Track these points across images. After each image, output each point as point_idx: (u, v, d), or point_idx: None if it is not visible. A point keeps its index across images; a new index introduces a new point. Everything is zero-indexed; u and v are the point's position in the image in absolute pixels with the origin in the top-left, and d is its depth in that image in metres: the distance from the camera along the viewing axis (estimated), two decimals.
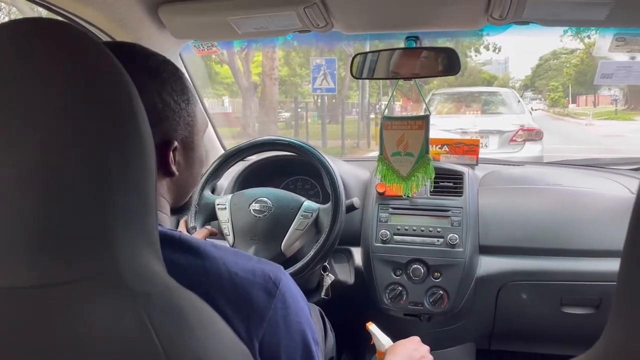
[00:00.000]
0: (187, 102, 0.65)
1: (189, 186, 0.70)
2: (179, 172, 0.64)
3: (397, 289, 1.36)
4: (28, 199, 0.37)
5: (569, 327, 1.37)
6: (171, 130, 0.62)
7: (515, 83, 28.85)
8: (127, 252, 0.40)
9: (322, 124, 10.56)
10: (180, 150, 0.65)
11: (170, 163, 0.62)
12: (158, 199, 0.63)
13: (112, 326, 0.38)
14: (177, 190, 0.67)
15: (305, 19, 1.13)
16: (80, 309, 0.38)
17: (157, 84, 0.60)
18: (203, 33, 1.31)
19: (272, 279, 0.59)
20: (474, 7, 1.09)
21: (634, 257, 0.30)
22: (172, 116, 0.62)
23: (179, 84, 0.64)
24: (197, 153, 0.69)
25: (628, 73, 1.32)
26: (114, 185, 0.40)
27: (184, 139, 0.65)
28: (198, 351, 0.42)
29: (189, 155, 0.67)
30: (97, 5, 1.08)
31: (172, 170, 0.62)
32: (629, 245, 0.30)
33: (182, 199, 0.70)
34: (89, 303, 0.38)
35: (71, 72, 0.39)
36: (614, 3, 0.97)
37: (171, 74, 0.63)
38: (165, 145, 0.61)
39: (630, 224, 0.30)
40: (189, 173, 0.68)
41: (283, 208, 1.27)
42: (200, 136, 0.69)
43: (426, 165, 1.32)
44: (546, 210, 1.40)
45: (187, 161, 0.67)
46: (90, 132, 0.39)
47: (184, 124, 0.64)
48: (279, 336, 0.58)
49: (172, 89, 0.62)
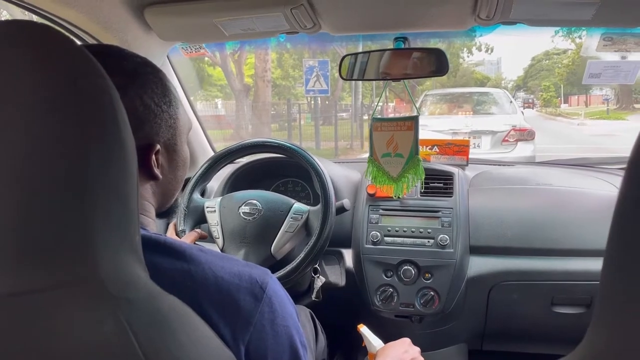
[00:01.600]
0: (168, 104, 0.64)
1: (174, 189, 0.70)
2: (163, 175, 0.64)
3: (388, 291, 1.36)
4: (6, 205, 0.37)
5: (560, 327, 1.37)
6: (153, 133, 0.61)
7: (508, 83, 29.00)
8: (108, 257, 0.40)
9: (315, 125, 10.56)
10: (164, 153, 0.64)
11: (154, 166, 0.62)
12: (142, 203, 0.63)
13: (92, 332, 0.38)
14: (161, 193, 0.67)
15: (292, 20, 1.13)
16: (60, 316, 0.38)
17: (136, 87, 0.60)
18: (190, 35, 1.31)
19: (258, 283, 0.58)
20: (461, 8, 1.09)
21: (615, 258, 0.30)
22: (153, 119, 0.61)
23: (160, 85, 0.63)
24: (180, 155, 0.68)
25: (616, 73, 1.33)
26: (95, 191, 0.39)
27: (166, 141, 0.64)
28: (181, 357, 0.42)
29: (173, 158, 0.66)
30: (81, 8, 1.07)
31: (155, 174, 0.62)
32: (611, 245, 0.30)
33: (167, 202, 0.70)
34: (69, 309, 0.38)
35: (50, 74, 0.38)
36: (600, 3, 0.98)
37: (151, 76, 0.62)
38: (147, 148, 0.61)
39: (612, 224, 0.30)
40: (173, 176, 0.68)
41: (273, 210, 1.26)
42: (183, 138, 0.69)
43: (416, 166, 1.32)
44: (536, 210, 1.40)
45: (170, 164, 0.66)
46: (69, 136, 0.38)
47: (166, 127, 0.63)
48: (266, 341, 0.57)
49: (152, 91, 0.61)
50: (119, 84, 0.56)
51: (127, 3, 1.13)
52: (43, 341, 0.38)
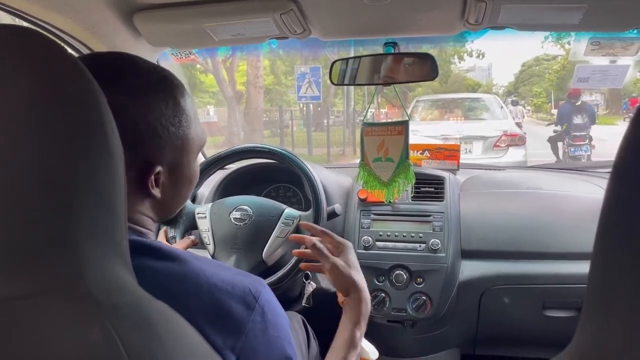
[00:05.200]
0: (177, 125, 0.62)
1: (176, 205, 0.69)
2: (163, 193, 0.62)
3: (380, 296, 1.36)
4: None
5: (551, 331, 1.37)
6: (155, 153, 0.60)
7: (499, 89, 29.16)
8: (94, 263, 0.39)
9: (308, 132, 10.58)
10: (165, 173, 0.62)
11: (151, 187, 0.60)
12: (139, 217, 0.62)
13: (78, 339, 0.37)
14: (161, 209, 0.65)
15: (282, 25, 1.13)
16: (44, 322, 0.37)
17: (139, 106, 0.58)
18: (179, 40, 1.30)
19: (251, 292, 0.58)
20: (450, 13, 1.09)
21: (601, 259, 0.30)
22: (158, 140, 0.59)
23: (172, 105, 0.61)
24: (185, 174, 0.66)
25: (604, 77, 1.34)
26: (80, 197, 0.39)
27: (170, 162, 0.62)
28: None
29: (177, 178, 0.65)
30: (69, 13, 1.06)
31: (152, 194, 0.60)
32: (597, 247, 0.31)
33: (168, 216, 0.69)
34: (54, 316, 0.37)
35: (35, 79, 0.38)
36: (587, 8, 0.99)
37: (163, 94, 0.60)
38: (147, 168, 0.59)
39: (598, 226, 0.30)
40: (175, 194, 0.66)
41: (264, 216, 1.26)
42: (192, 157, 0.67)
43: (406, 170, 1.32)
44: (527, 214, 1.41)
45: (173, 183, 0.64)
46: (55, 143, 0.38)
47: (172, 147, 0.61)
48: (257, 350, 0.57)
49: (160, 111, 0.59)
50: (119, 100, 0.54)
51: (116, 9, 1.13)
52: (27, 348, 0.37)
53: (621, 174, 0.28)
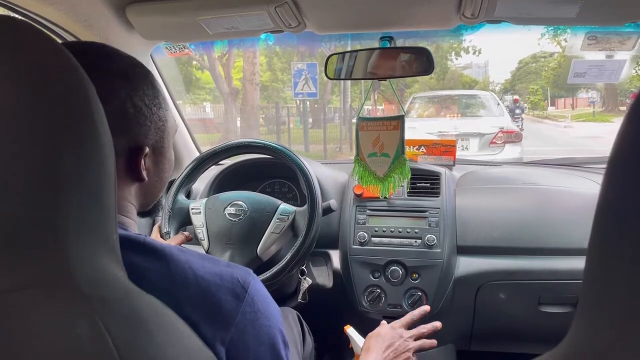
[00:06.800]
0: (158, 106, 0.63)
1: (158, 191, 0.69)
2: (149, 177, 0.63)
3: (375, 291, 1.35)
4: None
5: (547, 326, 1.37)
6: (142, 135, 0.61)
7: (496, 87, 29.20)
8: (82, 256, 0.39)
9: (304, 128, 10.58)
10: (151, 156, 0.64)
11: (142, 169, 0.61)
12: (124, 204, 0.62)
13: (66, 333, 0.37)
14: (144, 194, 0.66)
15: (277, 18, 1.12)
16: (33, 316, 0.37)
17: (128, 88, 0.59)
18: (173, 34, 1.29)
19: (240, 283, 0.57)
20: (446, 6, 1.09)
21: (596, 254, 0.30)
22: (143, 121, 0.61)
23: (151, 87, 0.63)
24: (166, 157, 0.68)
25: (600, 71, 1.33)
26: (69, 189, 0.38)
27: (154, 144, 0.64)
28: (158, 357, 0.41)
29: (159, 160, 0.66)
30: (60, 5, 1.05)
31: (142, 177, 0.61)
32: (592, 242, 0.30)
33: (150, 203, 0.69)
34: (42, 309, 0.37)
35: (23, 70, 0.37)
36: (584, 1, 0.98)
37: (143, 78, 0.62)
38: (136, 151, 0.60)
39: (594, 222, 0.30)
40: (158, 178, 0.67)
41: (259, 211, 1.25)
42: (170, 140, 0.68)
43: (402, 165, 1.31)
44: (523, 209, 1.40)
45: (156, 166, 0.66)
46: (42, 134, 0.37)
47: (155, 129, 0.63)
48: (247, 341, 0.56)
49: (144, 93, 0.61)
50: (113, 84, 0.57)
51: (108, 1, 1.12)
52: (14, 342, 0.37)
53: (616, 169, 0.28)
